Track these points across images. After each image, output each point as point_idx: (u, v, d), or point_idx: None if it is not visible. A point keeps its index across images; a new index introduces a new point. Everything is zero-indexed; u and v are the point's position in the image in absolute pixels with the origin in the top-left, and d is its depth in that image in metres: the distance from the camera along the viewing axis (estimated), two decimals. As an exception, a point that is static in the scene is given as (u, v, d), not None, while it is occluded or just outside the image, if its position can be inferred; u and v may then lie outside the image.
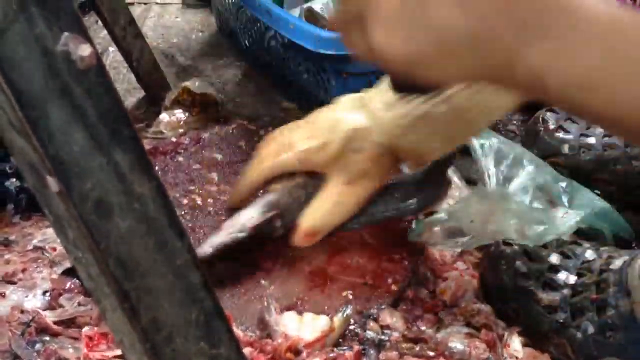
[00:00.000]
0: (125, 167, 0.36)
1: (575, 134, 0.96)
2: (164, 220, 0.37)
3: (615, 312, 0.68)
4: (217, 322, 0.40)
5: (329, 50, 0.98)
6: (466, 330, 0.72)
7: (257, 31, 1.21)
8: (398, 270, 0.79)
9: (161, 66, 1.21)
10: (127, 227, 0.36)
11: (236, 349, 0.41)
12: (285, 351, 0.69)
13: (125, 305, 0.36)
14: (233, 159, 0.99)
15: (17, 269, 0.77)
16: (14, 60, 0.32)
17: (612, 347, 0.68)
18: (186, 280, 0.38)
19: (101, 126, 0.35)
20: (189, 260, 0.38)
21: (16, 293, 0.74)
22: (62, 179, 0.34)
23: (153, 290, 0.37)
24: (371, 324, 0.73)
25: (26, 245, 0.82)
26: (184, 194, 0.92)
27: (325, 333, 0.70)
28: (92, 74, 0.34)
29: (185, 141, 1.02)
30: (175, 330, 0.38)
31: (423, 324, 0.74)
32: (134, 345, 0.39)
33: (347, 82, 1.02)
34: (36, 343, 0.68)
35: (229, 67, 1.33)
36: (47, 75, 0.33)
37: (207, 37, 1.44)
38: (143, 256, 0.37)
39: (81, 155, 0.34)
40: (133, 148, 0.36)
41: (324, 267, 0.80)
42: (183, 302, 0.38)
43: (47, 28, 0.33)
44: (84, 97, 0.34)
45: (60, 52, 0.33)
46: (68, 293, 0.74)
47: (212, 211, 0.89)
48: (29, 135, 0.33)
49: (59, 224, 0.37)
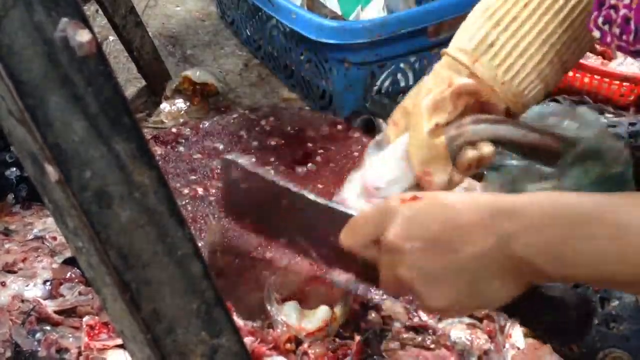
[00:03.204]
0: (126, 157, 0.35)
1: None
2: (165, 210, 0.37)
3: (619, 303, 0.68)
4: (218, 312, 0.39)
5: (331, 40, 0.97)
6: (468, 321, 0.72)
7: (259, 20, 1.20)
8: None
9: (162, 55, 1.21)
10: (128, 216, 0.36)
11: (237, 339, 0.41)
12: (286, 341, 0.69)
13: (125, 296, 0.36)
14: (234, 149, 0.98)
15: (17, 259, 0.77)
16: (13, 47, 0.32)
17: (616, 338, 0.68)
18: (187, 271, 0.38)
19: (101, 115, 0.34)
20: (190, 250, 0.38)
21: (17, 282, 0.74)
22: (61, 168, 0.33)
23: (154, 281, 0.37)
24: (373, 314, 0.73)
25: (26, 235, 0.82)
26: (185, 184, 0.91)
27: (326, 323, 0.70)
28: (91, 61, 0.34)
29: (186, 131, 1.01)
30: (176, 321, 0.38)
31: (424, 315, 0.74)
32: (134, 336, 0.38)
33: (349, 72, 1.02)
34: (37, 332, 0.68)
35: (230, 57, 1.32)
36: (47, 63, 0.33)
37: (208, 26, 1.44)
38: (144, 246, 0.36)
39: (81, 144, 0.34)
40: (133, 137, 0.35)
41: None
42: (184, 292, 0.38)
43: (46, 14, 0.32)
44: (84, 85, 0.34)
45: (59, 39, 0.33)
46: (69, 282, 0.74)
47: (213, 201, 0.89)
48: (28, 123, 0.33)
49: (59, 213, 0.36)
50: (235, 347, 0.41)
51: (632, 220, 0.44)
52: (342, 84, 1.02)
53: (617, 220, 0.44)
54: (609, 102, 1.02)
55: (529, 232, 0.46)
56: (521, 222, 0.46)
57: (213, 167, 0.95)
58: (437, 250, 0.49)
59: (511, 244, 0.46)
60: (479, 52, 0.66)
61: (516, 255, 0.46)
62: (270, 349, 0.68)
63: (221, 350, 0.40)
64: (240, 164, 0.65)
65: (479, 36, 0.66)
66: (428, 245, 0.49)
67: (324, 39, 0.97)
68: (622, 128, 0.93)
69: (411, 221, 0.50)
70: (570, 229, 0.45)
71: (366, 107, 1.04)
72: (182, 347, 0.38)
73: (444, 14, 1.01)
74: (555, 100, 0.99)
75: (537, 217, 0.47)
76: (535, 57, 0.66)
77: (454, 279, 0.49)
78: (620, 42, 0.61)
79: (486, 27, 0.66)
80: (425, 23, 1.01)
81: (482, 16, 0.66)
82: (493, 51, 0.66)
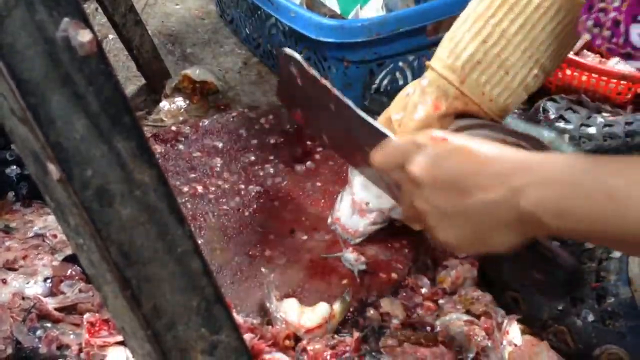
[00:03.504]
0: (126, 155, 0.36)
1: (575, 124, 0.96)
2: (165, 208, 0.37)
3: (616, 300, 0.68)
4: (217, 308, 0.40)
5: (330, 38, 0.97)
6: (465, 318, 0.72)
7: (258, 19, 1.20)
8: (398, 259, 0.79)
9: (161, 54, 1.21)
10: (128, 214, 0.36)
11: (237, 335, 0.41)
12: (285, 338, 0.69)
13: (126, 292, 0.37)
14: (233, 147, 0.99)
15: (17, 256, 0.77)
16: (15, 47, 0.32)
17: (612, 335, 0.68)
18: (187, 268, 0.39)
19: (102, 114, 0.35)
20: (190, 247, 0.39)
21: (17, 280, 0.74)
22: (63, 167, 0.34)
23: (154, 278, 0.37)
24: (371, 311, 0.73)
25: (27, 233, 0.83)
26: (185, 182, 0.92)
27: (325, 320, 0.70)
28: (92, 61, 0.34)
29: (186, 129, 1.02)
30: (177, 317, 0.38)
31: (423, 312, 0.74)
32: (135, 332, 0.39)
33: (348, 70, 1.02)
34: (37, 329, 0.68)
35: (230, 55, 1.33)
36: (48, 62, 0.33)
37: (207, 25, 1.44)
38: (144, 243, 0.37)
39: (82, 143, 0.34)
40: (134, 136, 0.36)
41: (324, 256, 0.80)
42: (184, 289, 0.38)
43: (48, 14, 0.33)
44: (85, 84, 0.34)
45: (61, 39, 0.33)
46: (69, 280, 0.74)
47: (212, 199, 0.89)
48: (30, 122, 0.33)
49: (60, 211, 0.37)
50: (234, 343, 0.41)
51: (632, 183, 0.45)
52: (341, 82, 1.02)
53: (619, 183, 0.45)
54: (607, 101, 1.03)
55: (537, 188, 0.48)
56: (532, 178, 0.49)
57: (213, 165, 0.95)
58: (453, 192, 0.52)
59: (520, 197, 0.49)
60: (467, 70, 0.67)
61: (523, 208, 0.49)
62: (269, 346, 0.68)
63: (221, 346, 0.41)
64: (299, 61, 0.69)
65: (467, 54, 0.67)
66: (445, 185, 0.52)
67: (323, 37, 0.97)
68: (619, 127, 0.93)
69: (435, 159, 0.53)
70: (575, 189, 0.47)
71: (365, 105, 1.04)
72: (182, 343, 0.39)
73: (443, 13, 1.01)
74: (553, 100, 1.00)
75: (549, 174, 0.48)
76: (522, 72, 0.68)
77: (463, 221, 0.52)
78: (611, 44, 0.61)
79: (474, 44, 0.67)
80: (423, 22, 1.01)
81: (469, 30, 0.67)
82: (480, 68, 0.67)
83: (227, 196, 0.89)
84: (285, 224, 0.85)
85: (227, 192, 0.90)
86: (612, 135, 0.93)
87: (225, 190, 0.90)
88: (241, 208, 0.88)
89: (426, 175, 0.53)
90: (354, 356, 0.68)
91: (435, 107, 0.68)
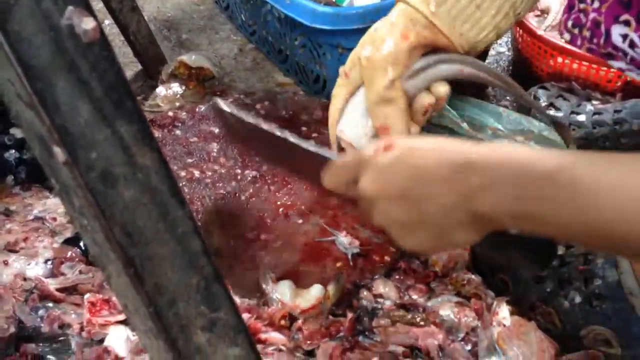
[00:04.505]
0: (129, 139, 0.37)
1: (566, 112, 0.97)
2: (166, 190, 0.39)
3: (603, 282, 0.70)
4: (216, 287, 0.41)
5: (325, 25, 0.98)
6: (456, 300, 0.74)
7: (253, 5, 1.21)
8: (391, 242, 0.81)
9: (157, 40, 1.22)
10: (131, 196, 0.37)
11: (235, 313, 0.42)
12: (281, 318, 0.71)
13: (129, 271, 0.38)
14: (230, 132, 1.00)
15: (18, 238, 0.79)
16: (22, 34, 0.33)
17: (598, 316, 0.70)
18: (187, 247, 0.40)
19: (105, 99, 0.36)
20: (190, 228, 0.40)
21: (18, 261, 0.75)
22: (68, 150, 0.35)
23: (156, 257, 0.39)
24: (365, 292, 0.75)
25: (27, 216, 0.84)
26: (182, 167, 0.93)
27: (319, 301, 0.72)
28: (96, 47, 0.35)
29: (182, 114, 1.03)
30: (177, 295, 0.40)
31: (415, 293, 0.76)
32: (138, 309, 0.40)
33: (343, 57, 1.03)
34: (39, 309, 0.70)
35: (225, 41, 1.33)
36: (54, 49, 0.34)
37: (203, 11, 1.44)
38: (147, 224, 0.38)
39: (86, 127, 0.35)
40: (136, 120, 0.37)
41: (318, 240, 0.81)
42: (185, 268, 0.40)
43: (53, 2, 0.34)
44: (89, 70, 0.35)
45: (66, 26, 0.34)
46: (69, 261, 0.76)
47: (209, 183, 0.90)
48: (36, 107, 0.34)
49: (65, 192, 0.38)
50: (233, 320, 0.43)
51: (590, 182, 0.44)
52: (336, 68, 1.03)
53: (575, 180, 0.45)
54: (597, 88, 1.04)
55: (488, 192, 0.48)
56: (481, 181, 0.48)
57: (209, 150, 0.96)
58: (406, 202, 0.52)
59: (473, 201, 0.49)
60: (438, 2, 0.66)
61: (477, 210, 0.49)
62: (265, 325, 0.70)
63: (220, 322, 0.42)
64: (227, 110, 0.72)
65: None
66: (396, 197, 0.52)
67: (317, 24, 0.98)
68: (607, 115, 0.94)
69: (382, 172, 0.53)
70: (527, 188, 0.46)
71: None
72: (183, 319, 0.40)
73: None
74: (544, 87, 1.01)
75: (498, 174, 0.48)
76: (491, 9, 0.67)
77: (422, 228, 0.52)
78: (591, 45, 0.62)
79: None
80: (418, 9, 1.02)
81: None
82: (451, 1, 0.66)
83: (224, 181, 0.90)
84: (280, 208, 0.86)
85: (223, 177, 0.91)
86: (601, 123, 0.94)
87: (221, 174, 0.92)
88: (237, 192, 0.89)
89: (376, 190, 0.53)
90: (347, 336, 0.70)
91: (404, 37, 0.66)
